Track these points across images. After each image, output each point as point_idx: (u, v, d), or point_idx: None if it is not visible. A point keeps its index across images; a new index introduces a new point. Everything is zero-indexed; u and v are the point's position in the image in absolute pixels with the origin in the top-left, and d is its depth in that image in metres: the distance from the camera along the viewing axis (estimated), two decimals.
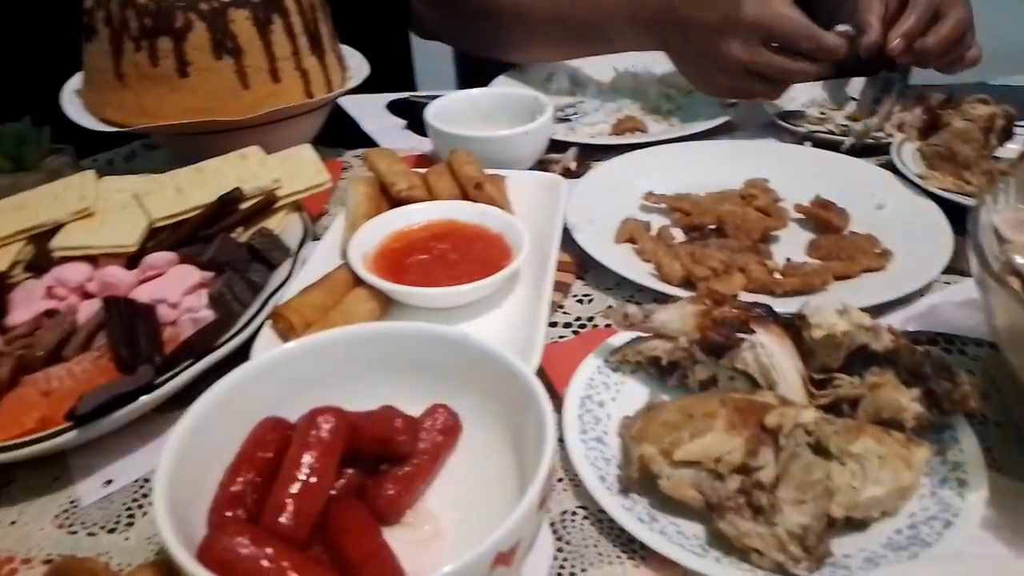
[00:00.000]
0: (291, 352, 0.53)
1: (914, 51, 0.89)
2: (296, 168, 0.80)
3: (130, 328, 0.61)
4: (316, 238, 0.78)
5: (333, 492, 0.47)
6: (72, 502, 0.55)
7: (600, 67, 1.21)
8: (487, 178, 0.80)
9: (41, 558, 0.51)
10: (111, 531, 0.52)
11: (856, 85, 1.04)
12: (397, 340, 0.55)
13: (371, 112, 1.16)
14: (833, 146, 0.94)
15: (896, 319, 0.66)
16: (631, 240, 0.78)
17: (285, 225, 0.77)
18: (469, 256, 0.72)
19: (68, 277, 0.70)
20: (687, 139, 0.98)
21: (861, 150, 0.93)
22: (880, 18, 0.89)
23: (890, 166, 0.87)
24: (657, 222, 0.81)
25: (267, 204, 0.74)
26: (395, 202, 0.80)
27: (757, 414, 0.50)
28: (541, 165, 0.94)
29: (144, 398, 0.56)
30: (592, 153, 0.98)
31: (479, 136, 0.89)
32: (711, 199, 0.82)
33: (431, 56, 1.53)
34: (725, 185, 0.84)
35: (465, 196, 0.80)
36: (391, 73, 1.09)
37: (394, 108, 1.19)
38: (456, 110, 0.98)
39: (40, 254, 0.72)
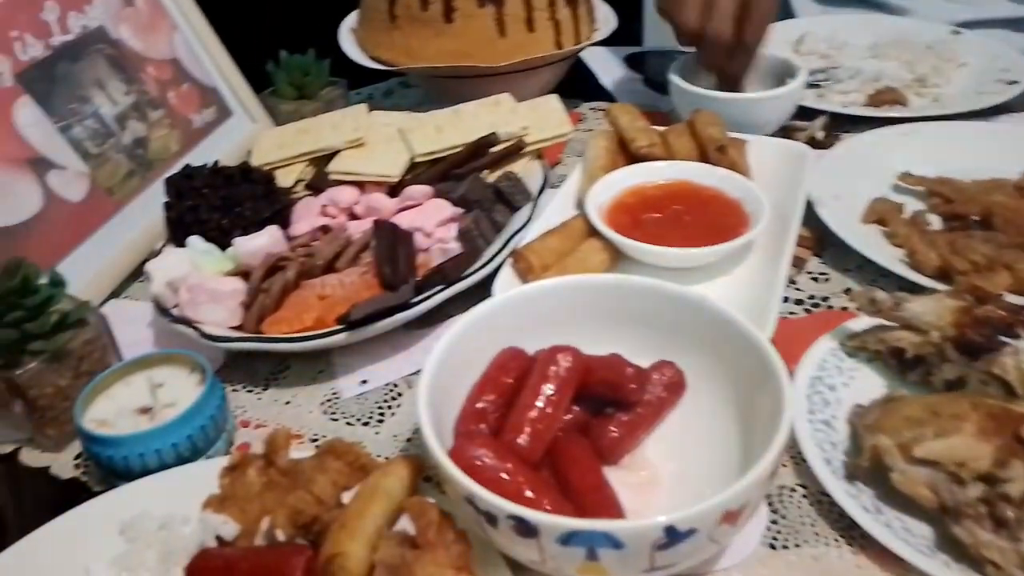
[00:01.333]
0: (533, 291, 0.57)
1: None
2: (542, 117, 0.84)
3: (393, 250, 0.68)
4: (553, 185, 0.82)
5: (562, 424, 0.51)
6: (335, 393, 0.63)
7: (859, 30, 1.12)
8: (730, 141, 0.79)
9: (309, 436, 0.60)
10: (365, 424, 0.60)
11: None
12: (632, 293, 0.57)
13: (609, 65, 1.17)
14: None
15: None
16: (880, 222, 0.74)
17: (527, 170, 0.81)
18: (704, 219, 0.72)
19: (340, 198, 0.79)
20: (954, 118, 0.89)
21: None
22: None
23: None
24: (911, 206, 0.76)
25: (515, 150, 0.78)
26: (633, 158, 0.81)
27: (1013, 424, 0.47)
28: (785, 132, 0.91)
29: (402, 314, 0.62)
30: (842, 124, 0.92)
31: (724, 97, 0.87)
32: (979, 187, 0.75)
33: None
34: (997, 173, 0.77)
35: (704, 158, 0.79)
36: (621, 24, 1.09)
37: (632, 62, 1.19)
38: (700, 69, 0.96)
39: (318, 175, 0.82)
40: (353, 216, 0.79)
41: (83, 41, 0.78)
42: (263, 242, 0.69)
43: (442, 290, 0.65)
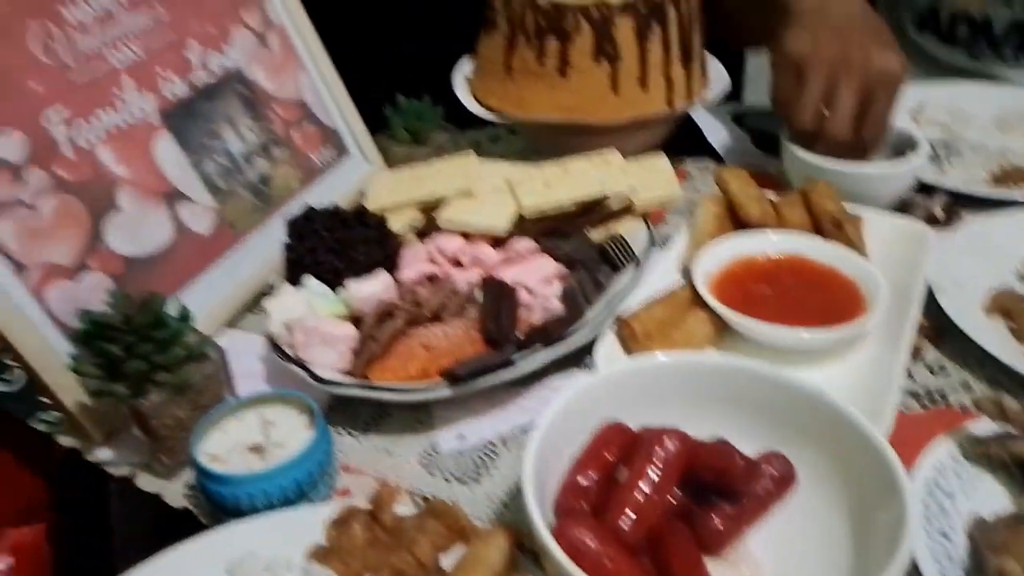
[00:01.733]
0: (640, 367, 0.56)
1: None
2: (650, 176, 0.84)
3: (497, 306, 0.69)
4: (657, 244, 0.81)
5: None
6: (433, 447, 0.64)
7: (982, 101, 1.08)
8: (847, 217, 0.77)
9: (407, 487, 0.61)
10: (462, 482, 0.61)
11: None
12: (742, 377, 0.56)
13: (715, 121, 1.16)
14: None
15: None
16: (1004, 313, 0.70)
17: (632, 230, 0.81)
18: (817, 297, 0.70)
19: (446, 247, 0.81)
20: None
21: None
22: None
23: None
24: None
25: (624, 211, 0.78)
26: (743, 226, 0.80)
27: None
28: (902, 207, 0.88)
29: (505, 372, 0.63)
30: (964, 202, 0.88)
31: (841, 170, 0.85)
32: None
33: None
34: None
35: (818, 231, 0.78)
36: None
37: (740, 119, 1.18)
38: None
39: (427, 222, 0.84)
40: (458, 264, 0.81)
41: (221, 81, 0.83)
42: (375, 289, 0.71)
43: (545, 350, 0.65)
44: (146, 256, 0.72)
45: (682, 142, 1.08)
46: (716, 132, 1.14)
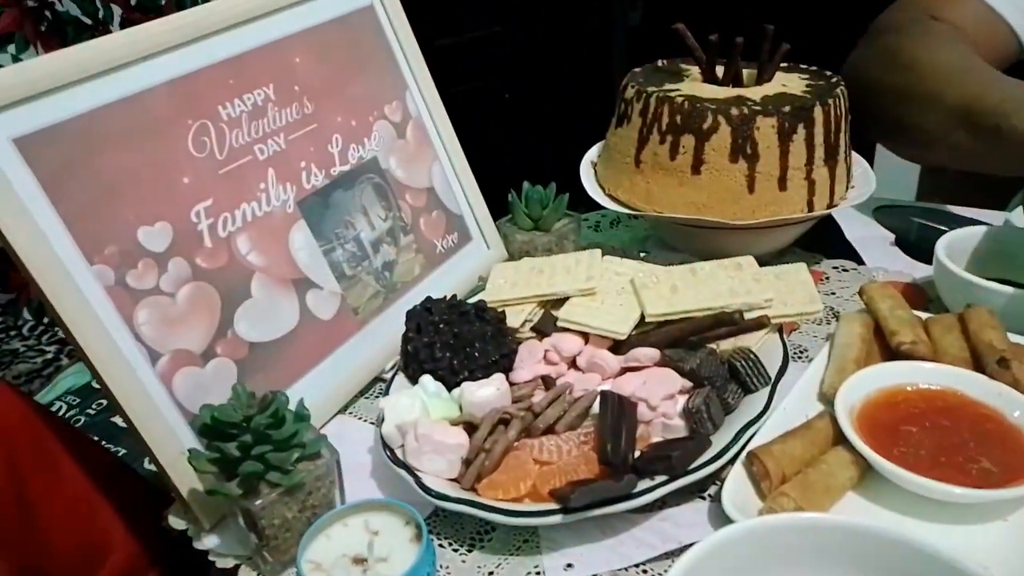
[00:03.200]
0: (778, 525, 0.51)
1: None
2: (788, 289, 0.79)
3: (617, 424, 0.65)
4: (793, 358, 0.75)
5: None
6: (539, 572, 0.61)
7: None
8: (1013, 351, 0.69)
9: None
10: None
11: None
12: (896, 550, 0.49)
13: (856, 217, 1.09)
14: None
15: None
16: None
17: (765, 346, 0.76)
18: (975, 444, 0.62)
19: (564, 347, 0.78)
20: None
21: None
22: None
23: None
24: None
25: (758, 325, 0.73)
26: (890, 350, 0.73)
27: None
28: None
29: (622, 505, 0.59)
30: None
31: (1007, 292, 0.76)
32: None
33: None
34: None
35: (977, 364, 0.70)
36: None
37: (884, 216, 1.11)
38: (967, 245, 0.86)
39: (546, 318, 0.82)
40: (574, 365, 0.78)
41: (357, 171, 0.85)
42: (489, 394, 0.69)
43: (667, 483, 0.61)
44: (270, 342, 0.73)
45: (819, 236, 1.02)
46: (857, 228, 1.07)
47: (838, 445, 0.64)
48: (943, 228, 1.02)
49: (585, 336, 0.79)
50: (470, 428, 0.68)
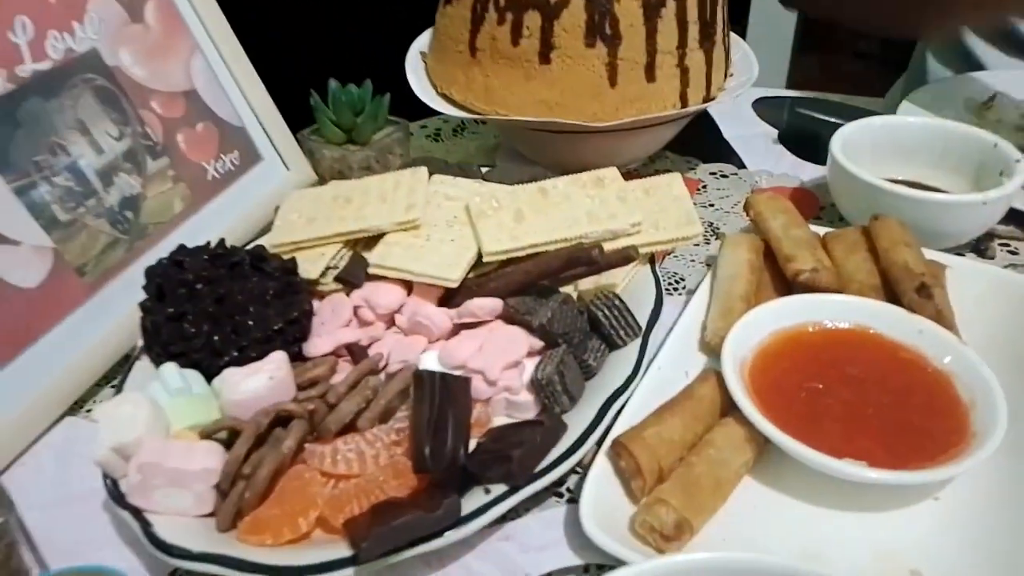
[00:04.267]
0: (675, 568, 0.35)
1: None
2: (660, 208, 0.61)
3: (439, 413, 0.47)
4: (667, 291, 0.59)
5: None
6: None
7: None
8: (934, 274, 0.55)
9: None
10: None
11: None
12: None
13: (734, 112, 0.94)
14: None
15: None
16: None
17: (633, 282, 0.59)
18: (896, 402, 0.48)
19: (380, 301, 0.58)
20: None
21: None
22: None
23: None
24: None
25: (624, 261, 0.56)
26: (784, 281, 0.58)
27: None
28: (978, 244, 0.67)
29: (439, 541, 0.42)
30: None
31: (912, 196, 0.63)
32: None
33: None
34: None
35: (889, 291, 0.56)
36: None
37: (763, 108, 0.96)
38: (864, 141, 0.72)
39: (354, 263, 0.61)
40: (392, 322, 0.59)
41: (65, 70, 0.59)
42: (258, 387, 0.49)
43: (506, 496, 0.43)
44: None
45: (692, 136, 0.86)
46: (735, 124, 0.91)
47: (728, 416, 0.48)
48: (832, 120, 0.88)
49: (408, 286, 0.60)
50: (234, 437, 0.48)
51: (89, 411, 0.58)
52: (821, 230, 0.63)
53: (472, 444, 0.48)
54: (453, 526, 0.42)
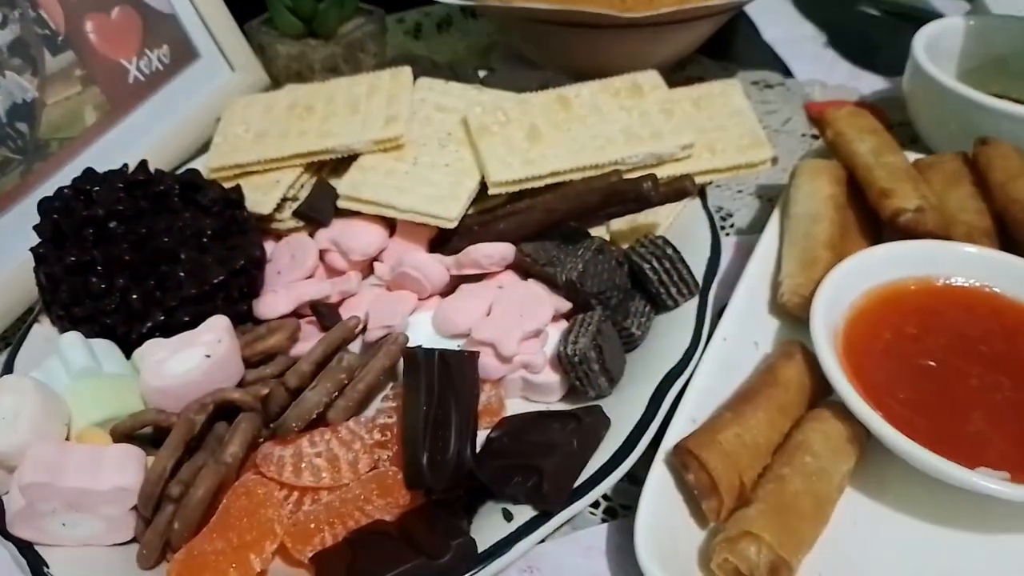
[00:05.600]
0: None
1: None
2: (715, 125, 0.48)
3: (437, 411, 0.34)
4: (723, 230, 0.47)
5: None
6: None
7: None
8: None
9: None
10: None
11: None
12: None
13: (775, 8, 0.79)
14: None
15: None
16: None
17: (683, 225, 0.46)
18: None
19: (352, 245, 0.45)
20: None
21: None
22: None
23: None
24: None
25: (676, 197, 0.43)
26: (872, 220, 0.46)
27: None
28: None
29: None
30: None
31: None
32: None
33: None
34: None
35: (1004, 235, 0.44)
36: None
37: (808, 6, 0.81)
38: (952, 47, 0.58)
39: (318, 193, 0.48)
40: (370, 273, 0.46)
41: None
42: (188, 369, 0.35)
43: (535, 525, 0.32)
44: None
45: (726, 39, 0.71)
46: (774, 23, 0.77)
47: (821, 407, 0.37)
48: (895, 20, 0.74)
49: (390, 224, 0.46)
50: (162, 434, 0.35)
51: None
52: (910, 156, 0.50)
53: (480, 438, 0.36)
54: (465, 573, 0.30)
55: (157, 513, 0.32)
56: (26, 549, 0.31)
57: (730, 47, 0.72)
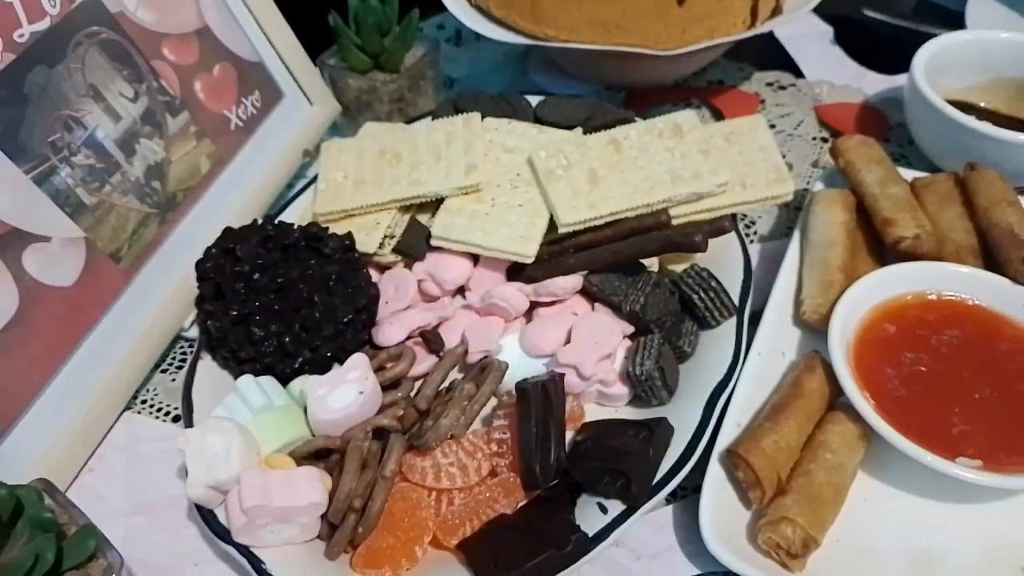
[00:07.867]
0: None
1: None
2: (745, 160, 0.56)
3: (543, 428, 0.45)
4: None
5: None
6: None
7: None
8: None
9: None
10: None
11: None
12: None
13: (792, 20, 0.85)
14: None
15: None
16: None
17: (719, 251, 0.55)
18: (1008, 383, 0.47)
19: (445, 277, 0.54)
20: None
21: None
22: None
23: None
24: None
25: (716, 235, 0.52)
26: (876, 241, 0.55)
27: None
28: None
29: (570, 571, 0.41)
30: None
31: (1014, 141, 0.58)
32: None
33: None
34: None
35: (987, 253, 0.53)
36: None
37: (825, 13, 0.86)
38: (950, 59, 0.66)
39: (411, 230, 0.56)
40: (460, 292, 0.56)
41: (66, 26, 0.50)
42: (347, 403, 0.45)
43: (623, 518, 0.42)
44: None
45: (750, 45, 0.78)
46: (793, 32, 0.83)
47: (837, 410, 0.47)
48: (896, 23, 0.81)
49: (474, 255, 0.55)
50: (325, 451, 0.45)
51: (144, 402, 0.55)
52: (908, 174, 0.59)
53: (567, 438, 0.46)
54: (587, 553, 0.41)
55: (341, 522, 0.42)
56: (248, 552, 0.42)
57: (744, 45, 0.79)
